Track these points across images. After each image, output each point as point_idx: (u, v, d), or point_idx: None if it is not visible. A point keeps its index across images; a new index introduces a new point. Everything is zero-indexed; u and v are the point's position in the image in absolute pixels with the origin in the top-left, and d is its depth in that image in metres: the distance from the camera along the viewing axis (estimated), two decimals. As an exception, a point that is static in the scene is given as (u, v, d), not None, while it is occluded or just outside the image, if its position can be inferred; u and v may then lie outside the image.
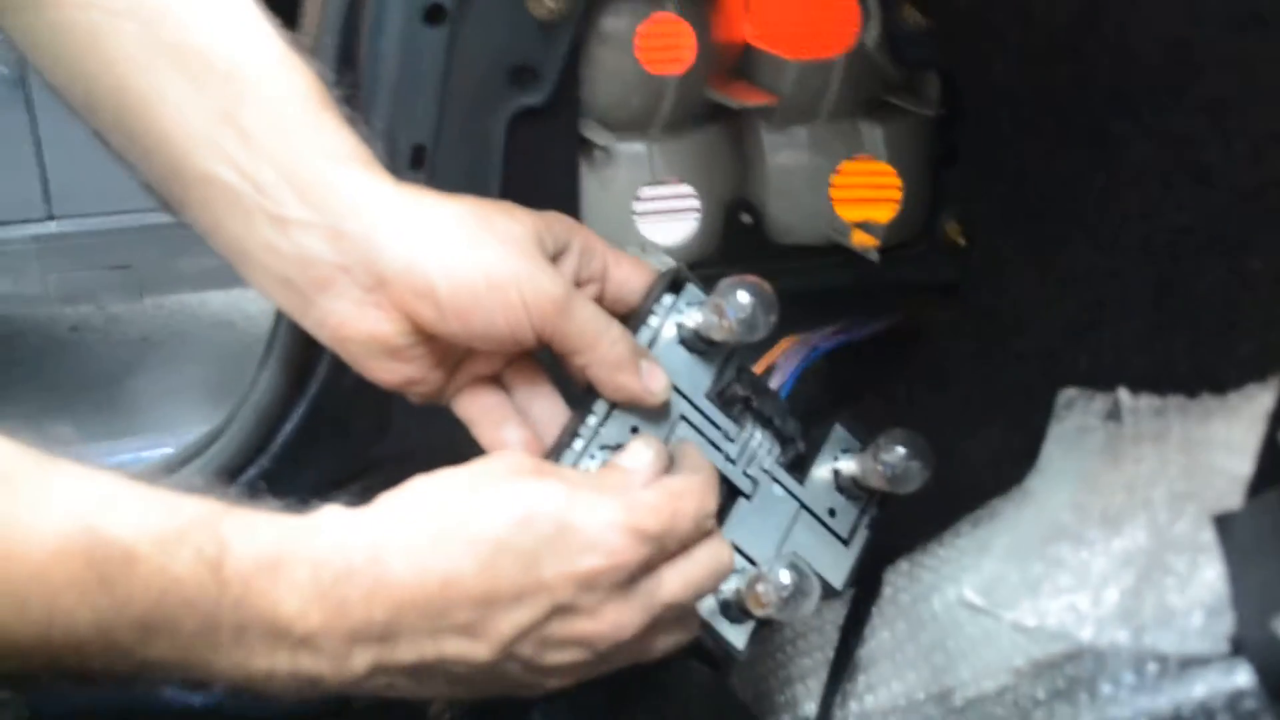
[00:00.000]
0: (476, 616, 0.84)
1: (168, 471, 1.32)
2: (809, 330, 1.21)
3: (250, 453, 1.28)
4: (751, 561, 1.04)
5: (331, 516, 0.84)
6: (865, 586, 1.20)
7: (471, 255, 0.93)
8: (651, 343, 1.03)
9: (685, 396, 1.03)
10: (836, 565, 1.09)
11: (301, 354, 1.22)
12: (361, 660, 0.83)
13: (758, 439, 1.06)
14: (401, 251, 0.92)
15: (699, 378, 1.04)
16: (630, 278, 1.04)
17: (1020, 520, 1.02)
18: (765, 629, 1.05)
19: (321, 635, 0.81)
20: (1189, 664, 0.82)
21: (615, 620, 0.88)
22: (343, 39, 1.10)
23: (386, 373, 0.98)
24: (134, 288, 3.54)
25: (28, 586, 0.72)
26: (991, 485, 1.11)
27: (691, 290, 1.04)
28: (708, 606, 1.00)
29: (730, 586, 1.01)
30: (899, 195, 1.32)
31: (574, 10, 1.13)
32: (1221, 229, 1.00)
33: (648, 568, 0.88)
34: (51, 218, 3.45)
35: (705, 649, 1.01)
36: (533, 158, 1.19)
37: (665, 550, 0.89)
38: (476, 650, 0.85)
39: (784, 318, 1.16)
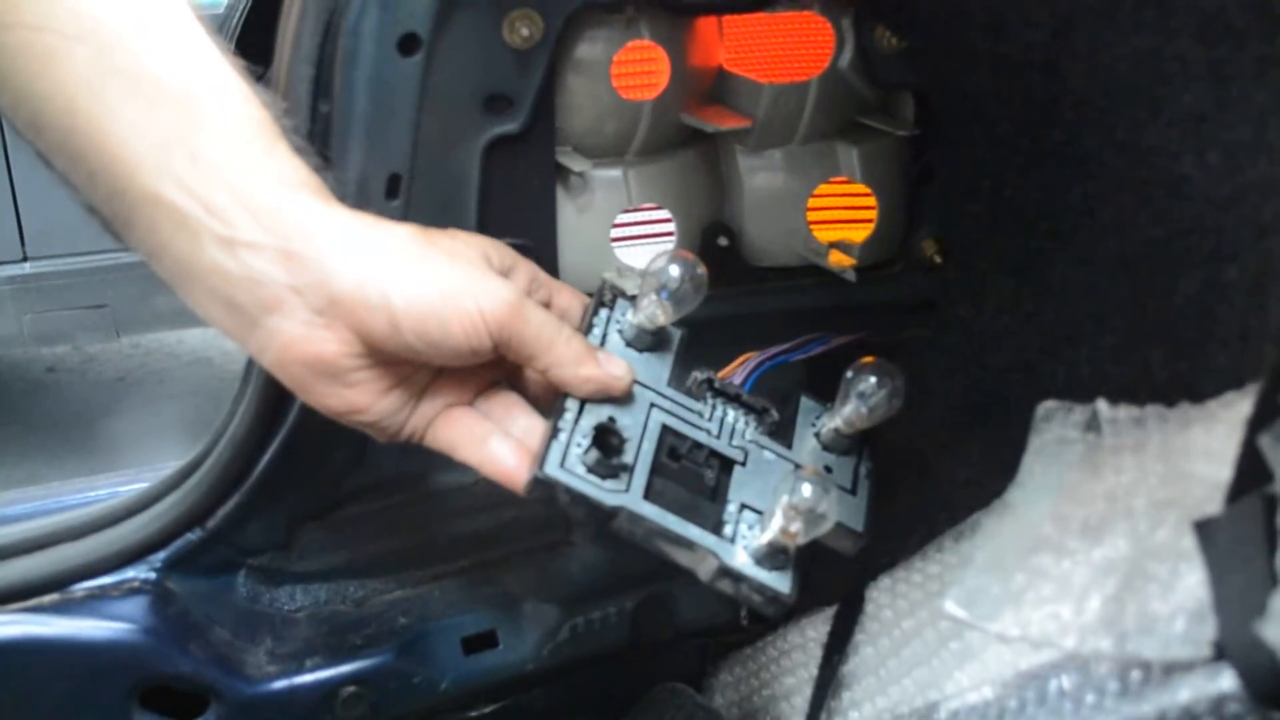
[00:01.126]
0: None
1: (144, 506, 1.32)
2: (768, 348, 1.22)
3: (227, 486, 1.27)
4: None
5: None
6: (848, 603, 1.21)
7: (423, 269, 0.95)
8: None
9: (650, 389, 1.05)
10: (850, 512, 1.09)
11: (277, 387, 1.21)
12: None
13: (731, 415, 1.09)
14: (353, 270, 0.93)
15: (656, 372, 1.07)
16: (571, 306, 1.09)
17: (1001, 532, 1.02)
18: (803, 571, 1.04)
19: None
20: (1172, 670, 0.82)
21: None
22: (317, 70, 1.10)
23: (330, 398, 0.98)
24: (110, 327, 3.53)
25: None
26: (972, 500, 1.12)
27: (621, 303, 1.09)
28: (742, 562, 1.01)
29: (756, 537, 1.01)
30: (875, 215, 1.32)
31: (548, 38, 1.13)
32: (1197, 240, 1.01)
33: None
34: (26, 259, 3.44)
35: (753, 608, 1.02)
36: (509, 185, 1.19)
37: None
38: None
39: (762, 338, 1.17)
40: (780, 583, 1.02)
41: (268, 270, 0.92)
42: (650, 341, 1.07)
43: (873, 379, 1.09)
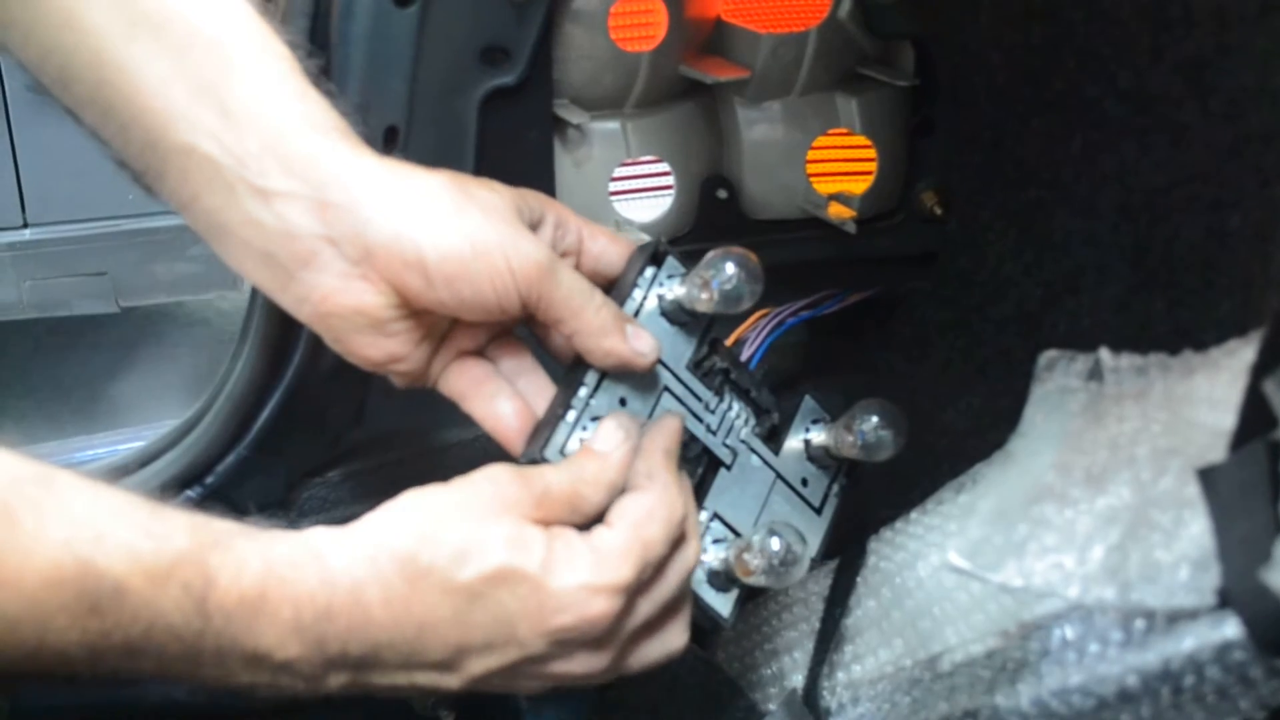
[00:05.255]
0: (449, 657, 0.87)
1: (141, 464, 1.31)
2: (785, 304, 1.21)
3: (225, 443, 1.27)
4: (734, 531, 1.04)
5: (317, 551, 0.84)
6: (850, 556, 1.20)
7: (457, 223, 0.92)
8: (635, 315, 1.02)
9: (668, 368, 1.03)
10: (811, 534, 1.09)
11: (276, 343, 1.21)
12: (336, 681, 0.86)
13: (735, 410, 1.07)
14: (388, 222, 0.91)
15: (680, 349, 1.04)
16: (606, 251, 1.04)
17: (1004, 483, 1.02)
18: (750, 599, 1.05)
19: (299, 662, 0.83)
20: (1177, 618, 0.82)
21: (587, 664, 0.91)
22: (313, 21, 1.09)
23: (370, 348, 0.97)
24: (109, 295, 3.52)
25: (20, 611, 0.75)
26: (974, 451, 1.11)
27: (671, 263, 1.04)
28: (694, 577, 1.00)
29: (717, 555, 1.01)
30: (875, 167, 1.31)
31: (546, -11, 1.13)
32: (1199, 188, 1.00)
33: (624, 614, 0.90)
34: (26, 225, 3.43)
35: (692, 619, 1.01)
36: (506, 138, 1.18)
37: (642, 584, 0.91)
38: (447, 681, 0.88)
39: (763, 292, 1.16)
40: (723, 605, 1.02)
41: (302, 221, 0.91)
42: (684, 318, 1.05)
43: (874, 419, 1.08)
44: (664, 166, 1.27)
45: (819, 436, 1.11)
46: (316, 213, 0.91)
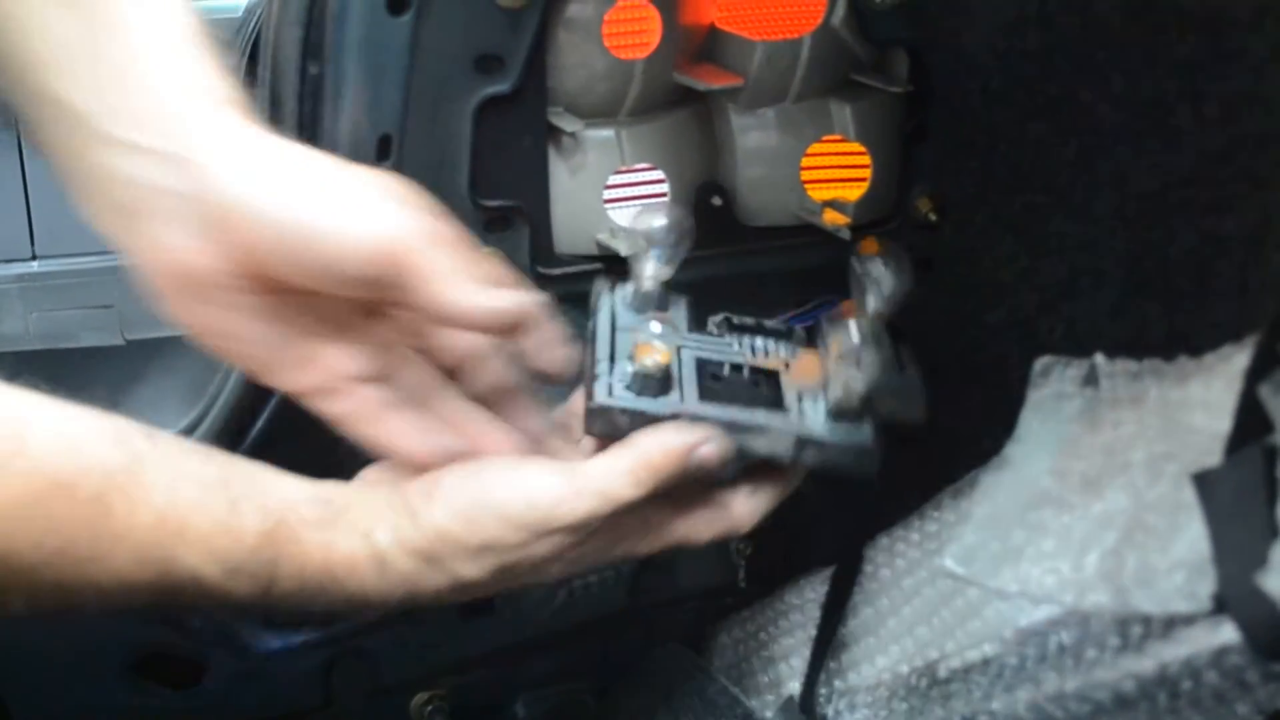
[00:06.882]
0: None
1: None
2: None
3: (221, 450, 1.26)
4: None
5: (380, 557, 0.91)
6: (846, 563, 1.20)
7: (324, 190, 0.88)
8: (613, 328, 1.03)
9: (673, 334, 1.03)
10: (908, 386, 1.08)
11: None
12: None
13: (759, 342, 1.07)
14: (244, 183, 0.87)
15: (675, 325, 1.05)
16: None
17: (1000, 488, 1.02)
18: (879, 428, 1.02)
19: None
20: (1173, 623, 0.82)
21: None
22: (306, 30, 1.09)
23: (200, 316, 0.91)
24: (115, 327, 3.53)
25: (110, 586, 0.82)
26: (971, 458, 1.11)
27: (620, 287, 1.08)
28: (818, 425, 0.99)
29: (824, 406, 1.00)
30: (869, 173, 1.31)
31: (539, -3, 1.13)
32: (1193, 192, 1.00)
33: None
34: (35, 257, 3.44)
35: (842, 474, 0.99)
36: (501, 146, 1.19)
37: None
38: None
39: (757, 299, 1.16)
40: (862, 435, 0.99)
41: (152, 175, 0.88)
42: (661, 302, 1.05)
43: (880, 260, 1.07)
44: (658, 174, 1.27)
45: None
46: (168, 168, 0.87)
